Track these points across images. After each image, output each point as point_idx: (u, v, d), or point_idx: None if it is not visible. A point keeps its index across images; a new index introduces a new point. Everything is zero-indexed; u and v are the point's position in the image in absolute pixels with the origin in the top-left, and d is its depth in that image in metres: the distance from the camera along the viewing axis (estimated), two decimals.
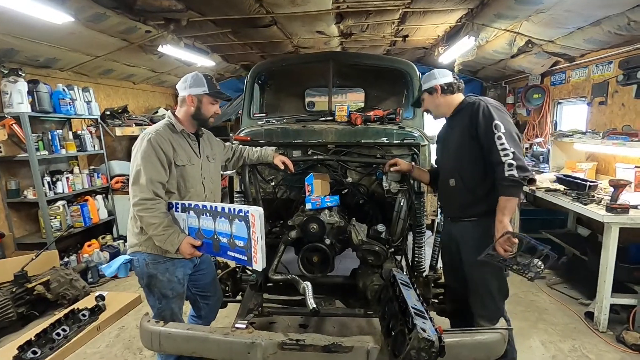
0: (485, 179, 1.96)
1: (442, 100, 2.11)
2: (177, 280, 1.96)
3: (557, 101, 5.15)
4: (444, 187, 2.16)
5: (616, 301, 2.89)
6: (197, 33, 4.49)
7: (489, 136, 1.85)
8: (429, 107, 2.19)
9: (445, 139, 2.21)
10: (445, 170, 2.17)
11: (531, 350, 2.71)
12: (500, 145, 1.81)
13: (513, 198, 1.83)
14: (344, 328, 3.04)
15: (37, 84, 3.79)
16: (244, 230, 1.72)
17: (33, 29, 3.20)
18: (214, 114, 2.01)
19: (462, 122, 2.02)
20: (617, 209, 2.73)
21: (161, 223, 1.80)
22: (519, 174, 1.78)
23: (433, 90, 2.11)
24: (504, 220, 1.83)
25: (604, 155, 4.08)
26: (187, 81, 1.94)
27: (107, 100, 5.28)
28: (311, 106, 4.27)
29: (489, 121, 1.87)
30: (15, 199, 3.83)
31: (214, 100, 1.99)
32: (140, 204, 1.78)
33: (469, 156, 1.99)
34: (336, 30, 4.69)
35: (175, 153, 1.88)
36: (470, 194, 2.01)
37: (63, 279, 3.44)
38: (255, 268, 1.73)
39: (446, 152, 2.18)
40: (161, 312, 1.97)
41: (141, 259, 1.91)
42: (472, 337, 1.55)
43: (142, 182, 1.78)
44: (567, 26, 3.54)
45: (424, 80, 2.16)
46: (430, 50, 5.84)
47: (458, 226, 2.12)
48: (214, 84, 1.98)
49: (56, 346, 2.72)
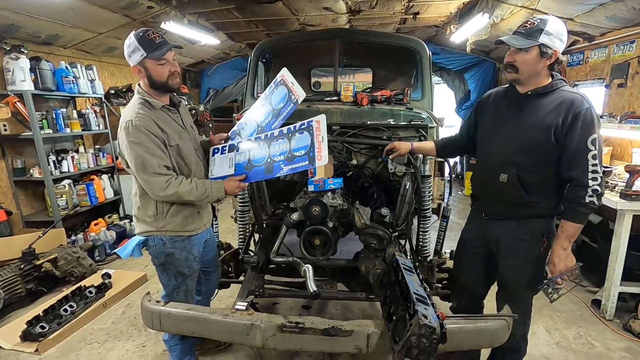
0: (548, 183, 1.72)
1: (542, 70, 1.64)
2: (193, 258, 1.96)
3: (573, 83, 4.95)
4: (489, 181, 1.84)
5: (625, 289, 2.83)
6: (201, 9, 4.37)
7: (581, 150, 1.58)
8: (522, 66, 1.64)
9: (500, 119, 1.80)
10: (494, 161, 1.81)
11: (535, 337, 2.69)
12: (593, 167, 1.57)
13: (582, 225, 1.65)
14: (346, 310, 3.04)
15: (39, 61, 3.74)
16: (305, 139, 1.81)
17: (33, 3, 3.13)
18: (171, 74, 1.75)
19: (545, 113, 1.65)
20: (631, 196, 2.64)
21: (194, 186, 1.76)
22: (598, 202, 1.59)
23: (548, 54, 1.59)
24: (568, 248, 1.67)
25: (620, 140, 3.94)
26: (126, 50, 1.71)
27: (111, 79, 5.22)
28: (317, 86, 4.17)
29: (587, 133, 1.57)
30: (22, 177, 3.86)
31: (159, 60, 1.69)
32: (164, 188, 1.70)
33: (540, 157, 1.68)
34: (344, 6, 4.51)
35: (164, 133, 1.74)
36: (525, 195, 1.73)
37: (70, 256, 3.49)
38: (318, 164, 1.78)
39: (501, 139, 1.78)
40: (176, 289, 1.97)
41: (157, 240, 1.87)
42: (475, 324, 1.52)
43: (151, 170, 1.69)
44: (588, 2, 3.35)
45: (548, 30, 1.56)
46: (442, 29, 5.62)
47: (497, 224, 1.87)
48: (151, 40, 1.67)
49: (63, 322, 2.78)
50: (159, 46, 1.69)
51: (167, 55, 1.73)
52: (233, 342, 2.08)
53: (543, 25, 1.58)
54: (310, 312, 3.02)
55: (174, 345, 2.07)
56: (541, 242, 1.77)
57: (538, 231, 1.77)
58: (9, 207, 3.70)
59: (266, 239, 2.42)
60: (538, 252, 1.79)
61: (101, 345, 2.68)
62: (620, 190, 2.74)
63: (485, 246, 1.96)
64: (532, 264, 1.81)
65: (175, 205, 1.84)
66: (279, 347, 1.56)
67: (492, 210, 1.90)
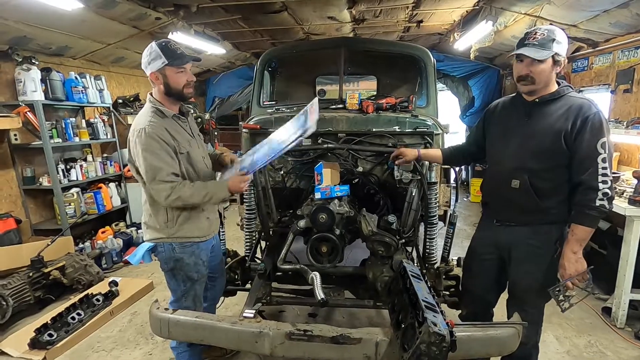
0: (560, 189, 1.72)
1: (552, 76, 1.68)
2: (201, 263, 1.98)
3: (578, 89, 4.94)
4: (500, 188, 1.84)
5: (636, 297, 2.79)
6: (208, 20, 4.45)
7: (591, 154, 1.60)
8: (538, 77, 1.66)
9: (510, 127, 1.82)
10: (505, 167, 1.82)
11: (545, 345, 2.65)
12: (602, 170, 1.58)
13: (593, 229, 1.65)
14: (353, 318, 3.03)
15: (49, 72, 3.82)
16: (300, 120, 1.88)
17: (44, 16, 3.20)
18: (187, 83, 1.83)
19: (554, 119, 1.67)
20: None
21: (196, 188, 1.79)
22: (609, 206, 1.59)
23: (560, 61, 1.65)
24: (579, 252, 1.66)
25: (627, 146, 3.91)
26: (145, 58, 1.78)
27: (119, 88, 5.30)
28: (322, 94, 4.17)
29: (597, 137, 1.60)
30: (31, 185, 3.91)
31: (179, 68, 1.78)
32: (169, 195, 1.73)
33: (552, 162, 1.69)
34: (348, 15, 4.57)
35: (176, 141, 1.81)
36: (537, 201, 1.73)
37: (78, 264, 3.51)
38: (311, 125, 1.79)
39: (513, 144, 1.79)
40: (185, 294, 1.98)
41: (167, 245, 1.90)
42: (485, 332, 1.51)
43: (159, 178, 1.73)
44: (592, 8, 3.36)
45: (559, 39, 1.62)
46: (446, 37, 5.65)
47: (509, 231, 1.86)
48: (173, 50, 1.77)
49: (71, 329, 2.79)
50: (180, 56, 1.78)
51: (186, 65, 1.82)
52: (241, 349, 2.08)
53: (553, 35, 1.64)
54: (316, 320, 3.00)
55: (181, 353, 2.07)
56: (554, 249, 1.76)
57: (551, 237, 1.77)
58: (18, 215, 3.75)
59: (273, 246, 2.43)
60: (551, 258, 1.77)
61: (108, 353, 2.69)
62: (629, 197, 2.71)
63: (497, 253, 1.94)
64: (545, 270, 1.79)
65: (185, 212, 1.87)
66: (287, 355, 1.55)
67: (504, 217, 1.90)
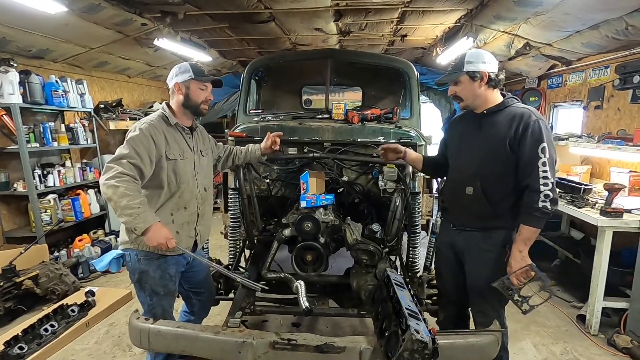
0: (510, 195, 1.82)
1: (482, 91, 1.81)
2: (169, 277, 1.92)
3: (553, 104, 5.17)
4: (456, 194, 1.95)
5: (608, 304, 2.90)
6: (194, 27, 4.44)
7: (532, 158, 1.71)
8: (462, 94, 1.85)
9: (464, 137, 1.97)
10: (461, 175, 1.94)
11: (523, 352, 2.71)
12: (543, 173, 1.69)
13: (538, 229, 1.74)
14: (336, 327, 3.02)
15: (29, 74, 3.72)
16: None
17: (26, 18, 3.14)
18: (205, 100, 1.96)
19: (500, 128, 1.79)
20: (611, 213, 2.74)
21: (137, 197, 1.64)
22: (551, 207, 1.69)
23: (477, 76, 1.79)
24: (524, 250, 1.76)
25: (598, 159, 4.10)
26: (174, 71, 1.94)
27: (101, 93, 5.21)
28: (308, 104, 4.24)
29: (537, 142, 1.70)
30: (5, 191, 3.76)
31: (202, 85, 1.93)
32: (119, 176, 1.63)
33: (501, 168, 1.80)
34: (335, 27, 4.66)
35: (167, 146, 1.84)
36: (489, 207, 1.84)
37: (52, 273, 3.38)
38: None
39: (466, 155, 1.93)
40: (152, 309, 1.93)
41: (133, 255, 1.87)
42: (466, 339, 1.54)
43: (124, 162, 1.69)
44: (565, 29, 3.55)
45: (468, 59, 1.79)
46: (429, 51, 5.83)
47: (463, 235, 1.97)
48: (201, 69, 1.94)
49: (44, 342, 2.67)
50: (206, 75, 1.96)
51: (208, 84, 1.97)
52: None
53: (463, 58, 1.82)
54: (300, 329, 2.98)
55: None
56: (504, 252, 1.85)
57: (501, 241, 1.86)
58: None
59: (257, 255, 2.42)
60: (501, 261, 1.86)
61: None
62: (601, 208, 2.84)
63: (455, 256, 2.04)
64: (497, 273, 1.86)
65: None
66: None
67: (459, 222, 2.00)
